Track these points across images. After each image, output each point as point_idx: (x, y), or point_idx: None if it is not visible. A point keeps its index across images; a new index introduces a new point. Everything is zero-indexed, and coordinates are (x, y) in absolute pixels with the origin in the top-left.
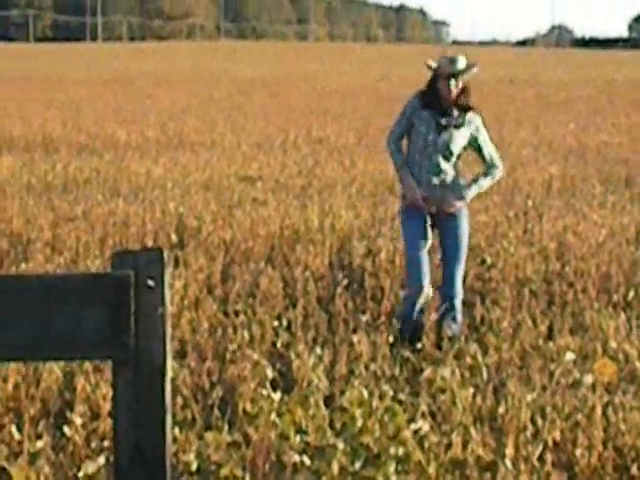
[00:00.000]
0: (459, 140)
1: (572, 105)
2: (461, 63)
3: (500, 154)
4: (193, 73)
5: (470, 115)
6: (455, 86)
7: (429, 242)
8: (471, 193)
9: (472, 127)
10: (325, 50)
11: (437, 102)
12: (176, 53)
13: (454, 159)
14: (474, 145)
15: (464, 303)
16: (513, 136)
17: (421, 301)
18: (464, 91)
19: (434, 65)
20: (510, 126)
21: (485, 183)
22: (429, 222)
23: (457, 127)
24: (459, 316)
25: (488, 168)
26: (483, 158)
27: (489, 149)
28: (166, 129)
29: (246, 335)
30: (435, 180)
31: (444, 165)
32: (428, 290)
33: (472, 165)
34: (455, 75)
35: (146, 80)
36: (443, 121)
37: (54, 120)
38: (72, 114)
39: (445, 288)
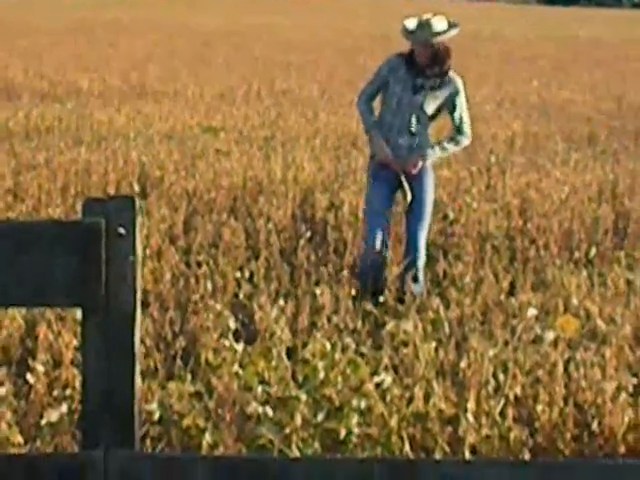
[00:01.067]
0: (434, 102)
1: (535, 62)
2: (436, 27)
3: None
4: (156, 23)
5: (450, 75)
6: (426, 51)
7: (391, 205)
8: (432, 154)
9: (451, 87)
10: (289, 2)
11: (414, 66)
12: (139, 3)
13: (427, 121)
14: (448, 106)
15: (427, 257)
16: (476, 92)
17: (376, 260)
18: (440, 54)
19: (409, 27)
20: (473, 82)
21: (449, 147)
22: (395, 183)
23: (433, 89)
24: (421, 276)
25: (455, 133)
26: (453, 120)
27: (462, 113)
28: (128, 78)
29: (209, 286)
30: (402, 141)
31: (415, 127)
32: (384, 251)
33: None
34: (427, 39)
35: (108, 29)
36: (418, 81)
37: (16, 67)
38: (34, 61)
39: (408, 248)
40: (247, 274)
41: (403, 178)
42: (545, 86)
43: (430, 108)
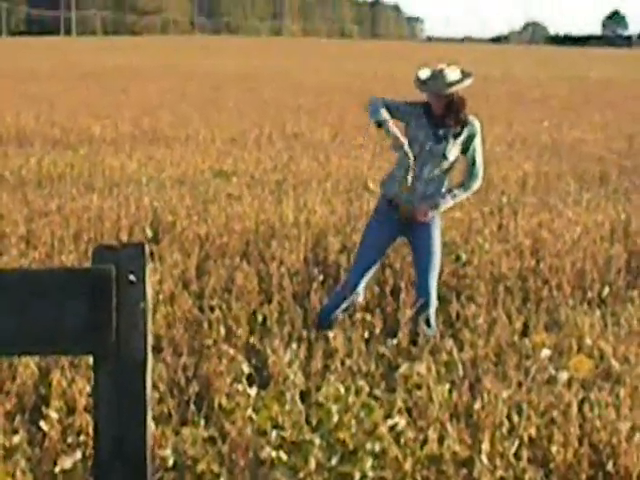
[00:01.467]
0: (455, 149)
1: (546, 102)
2: (450, 77)
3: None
4: (167, 68)
5: (469, 119)
6: (440, 101)
7: (388, 249)
8: (444, 204)
9: (469, 130)
10: (299, 46)
11: (431, 113)
12: (150, 48)
13: (445, 168)
14: (465, 147)
15: (439, 299)
16: (487, 133)
17: (350, 303)
18: (454, 105)
19: (422, 77)
20: (484, 123)
21: (460, 195)
22: (398, 227)
23: (455, 136)
24: (432, 320)
25: (467, 176)
26: (467, 162)
27: (476, 156)
28: (140, 124)
29: (222, 330)
30: (419, 187)
31: (434, 173)
32: (361, 296)
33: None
34: (440, 90)
35: (120, 75)
36: (440, 132)
37: (28, 114)
38: (46, 108)
39: (419, 293)
40: (260, 318)
41: (407, 225)
42: (556, 126)
43: (452, 156)
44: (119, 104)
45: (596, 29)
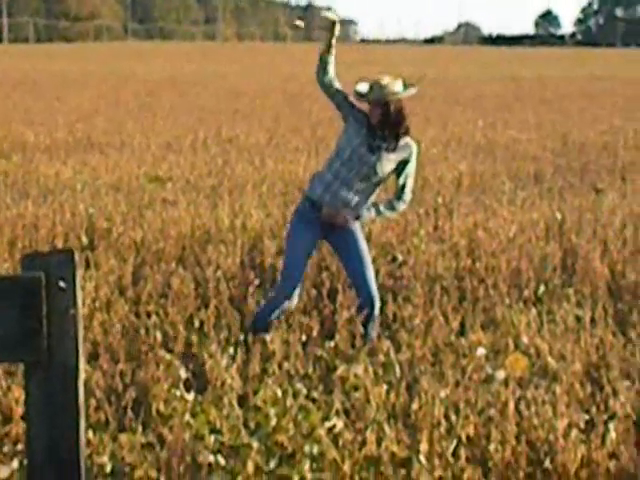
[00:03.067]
0: (388, 165)
1: (480, 102)
2: (392, 87)
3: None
4: (101, 74)
5: (407, 140)
6: (376, 110)
7: (312, 254)
8: (366, 215)
9: (405, 152)
10: (233, 50)
11: (373, 125)
12: (83, 54)
13: (375, 181)
14: (398, 169)
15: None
16: (422, 134)
17: (284, 308)
18: (390, 115)
19: (362, 91)
20: (419, 124)
21: (384, 212)
22: (320, 231)
23: (388, 151)
24: (376, 321)
25: (397, 198)
26: (397, 183)
27: (407, 179)
28: (75, 130)
29: (158, 336)
30: (343, 193)
31: (362, 183)
32: (296, 299)
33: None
34: (377, 102)
35: (54, 82)
36: (376, 142)
37: None
38: None
39: (362, 297)
40: (197, 323)
41: (328, 229)
42: (490, 126)
43: (382, 170)
44: (53, 111)
45: (529, 29)
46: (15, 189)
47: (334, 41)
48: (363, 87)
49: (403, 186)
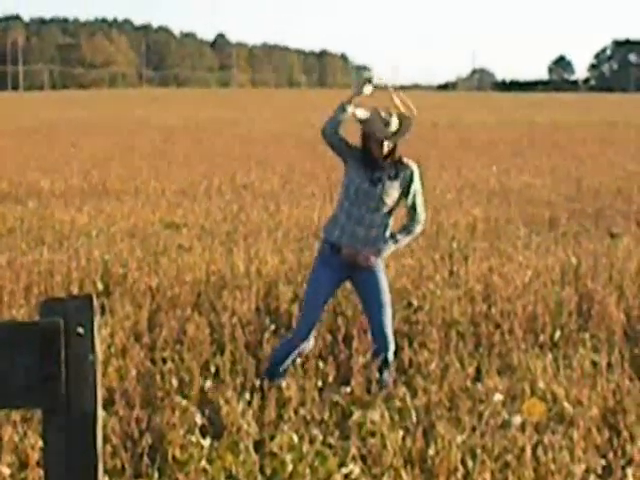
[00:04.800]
0: (393, 192)
1: (494, 148)
2: (394, 124)
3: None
4: (116, 121)
5: (404, 161)
6: (388, 147)
7: (331, 298)
8: (386, 249)
9: (407, 173)
10: (247, 96)
11: (369, 160)
12: (98, 101)
13: (386, 210)
14: (404, 191)
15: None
16: (436, 179)
17: (301, 351)
18: (392, 149)
19: (364, 118)
20: (433, 170)
21: (403, 240)
22: (343, 272)
23: (391, 179)
24: (392, 367)
25: (410, 221)
26: (407, 206)
27: (416, 199)
28: (90, 177)
29: (174, 382)
30: (359, 231)
31: (374, 216)
32: (312, 342)
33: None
34: (388, 138)
35: (69, 129)
36: (376, 175)
37: None
38: None
39: (377, 342)
40: (213, 369)
41: (351, 270)
42: (504, 171)
43: (390, 199)
44: (68, 158)
45: (543, 74)
46: (31, 235)
47: (357, 97)
48: (363, 114)
49: (413, 206)
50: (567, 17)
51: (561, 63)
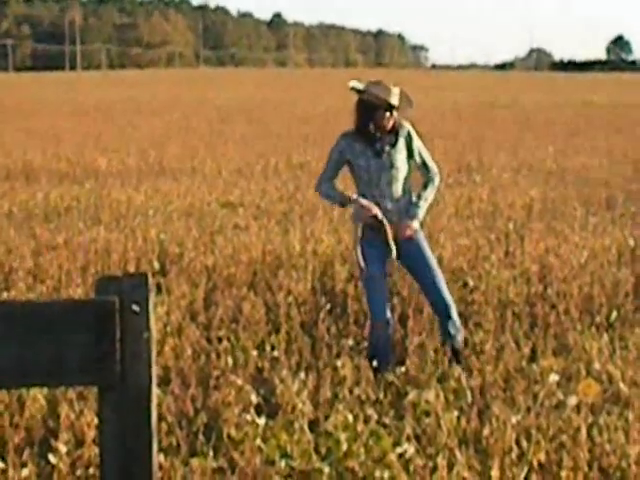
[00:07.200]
0: (400, 156)
1: (551, 128)
2: (397, 96)
3: (480, 177)
4: (173, 101)
5: (399, 125)
6: (393, 119)
7: (387, 276)
8: (422, 210)
9: (405, 135)
10: (304, 76)
11: (372, 132)
12: (155, 81)
13: (402, 176)
14: (409, 152)
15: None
16: (493, 160)
17: (386, 333)
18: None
19: (372, 92)
20: (490, 150)
21: (429, 195)
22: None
23: (393, 145)
24: (458, 323)
25: (427, 175)
26: (418, 164)
27: (422, 154)
28: (146, 156)
29: (230, 361)
30: (389, 205)
31: (394, 187)
32: (392, 320)
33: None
34: (394, 107)
35: (126, 108)
36: (377, 146)
37: (34, 149)
38: (52, 143)
39: (438, 307)
40: (268, 348)
41: (391, 240)
42: (561, 152)
43: (400, 162)
44: (125, 137)
45: (601, 54)
46: (88, 215)
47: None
48: (364, 85)
49: (423, 162)
50: None
51: (619, 43)
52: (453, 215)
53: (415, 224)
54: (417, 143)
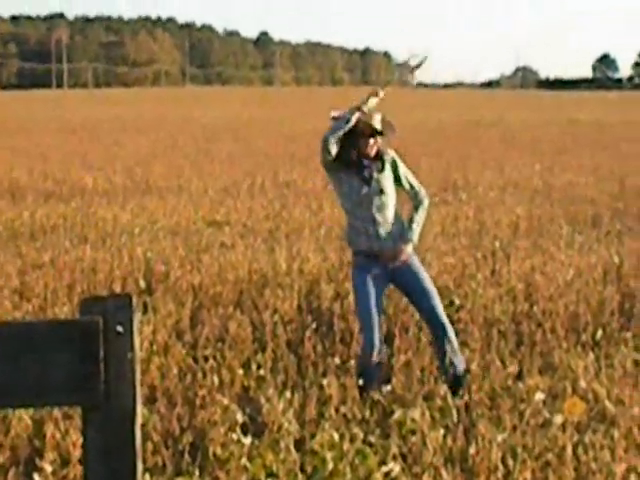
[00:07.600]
0: (387, 181)
1: (537, 146)
2: (379, 121)
3: (466, 195)
4: (159, 119)
5: (382, 152)
6: (377, 145)
7: (381, 298)
8: (416, 234)
9: (390, 161)
10: (291, 94)
11: (355, 161)
12: (142, 99)
13: (392, 203)
14: (395, 176)
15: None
16: (479, 178)
17: (377, 359)
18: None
19: (351, 119)
20: (476, 168)
21: (421, 217)
22: (384, 278)
23: (380, 171)
24: (456, 345)
25: (415, 198)
26: (406, 188)
27: (409, 178)
28: (133, 175)
29: (215, 380)
30: (382, 231)
31: (385, 212)
32: (382, 346)
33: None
34: (379, 133)
35: (112, 126)
36: (365, 174)
37: (20, 167)
38: (38, 161)
39: (436, 329)
40: (254, 367)
41: (390, 270)
42: (547, 170)
43: (387, 189)
44: (111, 156)
45: (587, 72)
46: (74, 233)
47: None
48: (346, 112)
49: (411, 186)
50: (611, 15)
51: (605, 61)
52: (439, 233)
53: (409, 248)
54: (402, 169)
